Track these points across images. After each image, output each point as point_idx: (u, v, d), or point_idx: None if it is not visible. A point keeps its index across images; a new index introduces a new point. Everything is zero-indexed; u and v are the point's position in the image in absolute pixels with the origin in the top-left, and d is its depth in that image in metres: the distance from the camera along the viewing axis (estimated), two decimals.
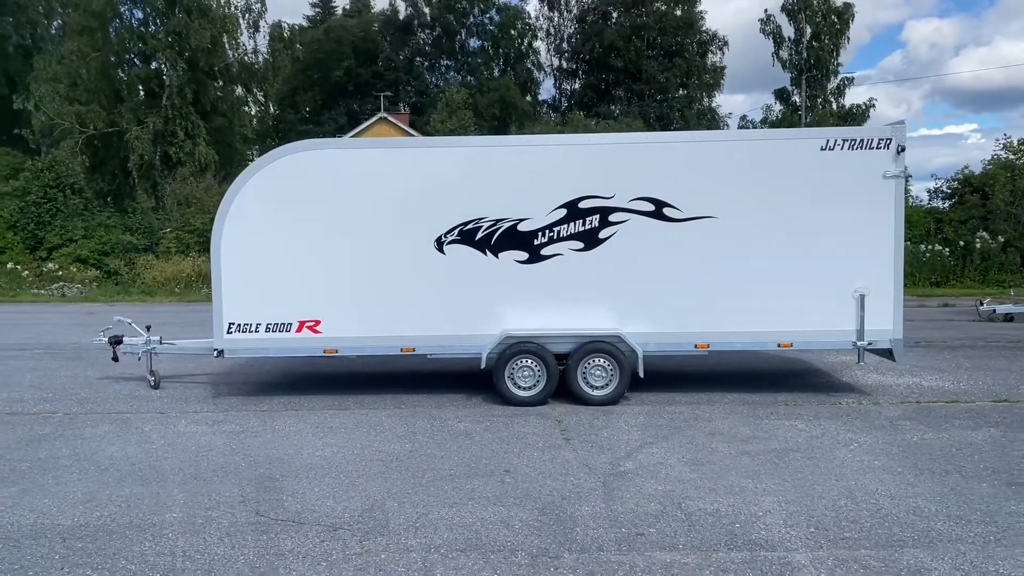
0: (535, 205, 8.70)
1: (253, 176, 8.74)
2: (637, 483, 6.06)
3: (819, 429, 7.59)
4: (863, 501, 5.61)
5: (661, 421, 7.94)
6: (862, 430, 7.53)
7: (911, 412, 8.23)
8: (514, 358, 8.66)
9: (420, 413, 8.38)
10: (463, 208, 8.72)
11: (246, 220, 8.75)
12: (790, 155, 8.67)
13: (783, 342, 8.75)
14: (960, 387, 9.47)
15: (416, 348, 8.82)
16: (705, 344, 8.78)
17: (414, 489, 5.98)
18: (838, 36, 51.69)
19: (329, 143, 9.75)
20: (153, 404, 8.95)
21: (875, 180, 8.59)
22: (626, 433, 7.51)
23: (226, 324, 8.82)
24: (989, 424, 7.71)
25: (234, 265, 8.80)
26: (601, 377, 8.66)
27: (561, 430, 7.64)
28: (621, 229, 8.69)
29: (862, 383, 9.73)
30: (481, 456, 6.80)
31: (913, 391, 9.25)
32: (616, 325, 8.72)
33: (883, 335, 8.71)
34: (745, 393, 9.18)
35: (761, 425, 7.76)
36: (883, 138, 8.58)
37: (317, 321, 8.80)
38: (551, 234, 8.71)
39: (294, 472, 6.42)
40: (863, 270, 8.66)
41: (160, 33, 32.76)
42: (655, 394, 9.10)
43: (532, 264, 8.75)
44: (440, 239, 8.74)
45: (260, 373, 10.78)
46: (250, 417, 8.30)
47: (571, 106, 58.10)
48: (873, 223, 8.63)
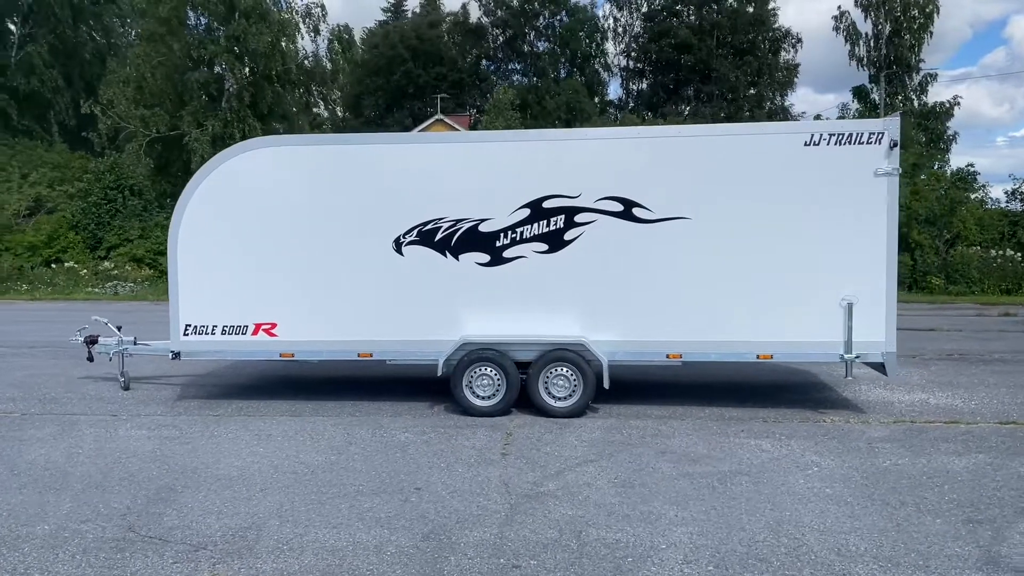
0: (497, 204, 8.24)
1: (209, 174, 8.52)
2: (549, 506, 5.56)
3: (784, 450, 6.93)
4: (787, 536, 4.99)
5: (617, 436, 7.39)
6: (832, 452, 6.84)
7: (899, 433, 7.48)
8: (472, 366, 8.22)
9: (369, 422, 8.01)
10: (423, 207, 8.32)
11: (202, 219, 8.53)
12: (770, 151, 8.00)
13: (762, 353, 8.08)
14: (970, 406, 8.61)
15: (374, 353, 8.46)
16: (678, 354, 8.17)
17: (308, 506, 5.61)
18: (920, 31, 49.34)
19: (285, 140, 9.48)
20: (111, 406, 8.81)
21: (865, 178, 7.85)
22: (571, 449, 6.99)
23: (182, 326, 8.62)
24: (981, 449, 6.92)
25: (190, 265, 8.59)
26: (564, 388, 8.15)
27: (504, 444, 7.17)
28: (587, 230, 8.16)
29: (861, 399, 8.96)
30: (401, 471, 6.39)
31: (913, 409, 8.45)
32: (582, 332, 8.19)
33: (873, 348, 7.96)
34: (726, 407, 8.53)
35: (723, 443, 7.14)
36: (874, 132, 7.84)
37: (273, 324, 8.52)
38: (514, 235, 8.23)
39: (199, 484, 6.12)
40: (852, 277, 7.93)
41: (220, 38, 33.29)
42: (627, 406, 8.53)
43: (494, 267, 8.29)
44: (399, 240, 8.36)
45: (239, 375, 10.58)
46: (196, 422, 8.06)
47: (638, 106, 57.22)
48: (863, 225, 7.89)
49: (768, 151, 7.99)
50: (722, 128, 8.56)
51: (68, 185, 33.19)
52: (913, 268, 26.23)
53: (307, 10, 37.44)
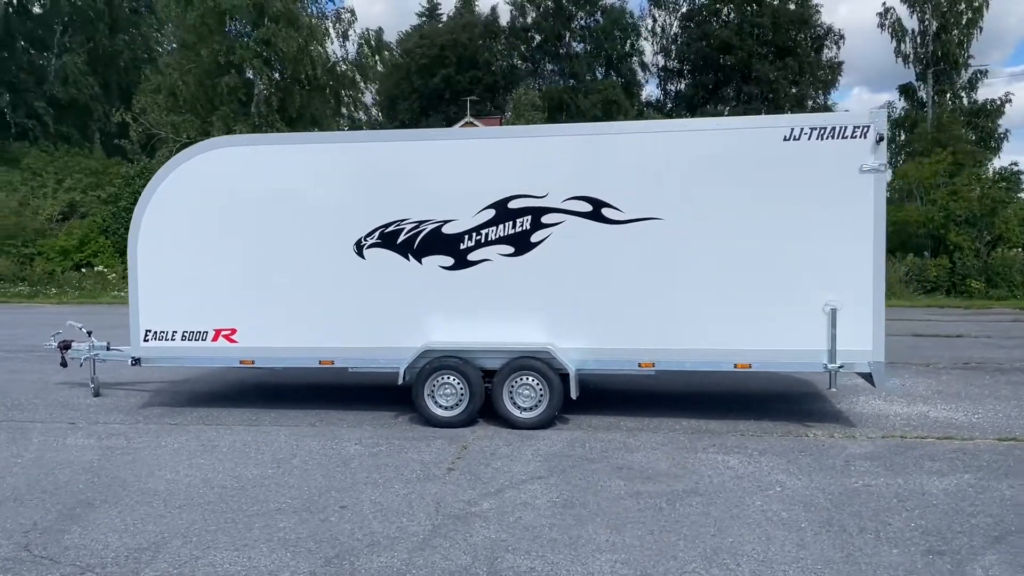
0: (461, 205, 7.87)
1: (169, 175, 8.29)
2: (474, 528, 5.17)
3: (752, 467, 6.43)
4: (719, 567, 4.54)
5: (577, 450, 6.96)
6: (803, 471, 6.33)
7: (883, 449, 6.93)
8: (435, 374, 7.85)
9: (325, 433, 7.68)
10: (385, 208, 7.98)
11: (162, 221, 8.30)
12: (747, 147, 7.50)
13: (740, 363, 7.57)
14: (972, 419, 8.00)
15: (335, 361, 8.13)
16: (650, 363, 7.71)
17: (220, 525, 5.29)
18: (969, 27, 47.75)
19: (244, 139, 9.22)
20: (73, 414, 8.61)
21: (849, 175, 7.32)
22: (524, 464, 6.58)
23: (142, 331, 8.39)
24: (968, 469, 6.35)
25: (150, 269, 8.36)
26: (530, 398, 7.74)
27: (456, 458, 6.78)
28: (555, 232, 7.74)
29: (855, 411, 8.39)
30: (335, 487, 6.04)
31: (908, 422, 7.87)
32: (549, 340, 7.77)
33: (859, 357, 7.41)
34: (706, 418, 8.03)
35: (688, 459, 6.66)
36: (859, 125, 7.30)
37: (233, 330, 8.25)
38: (478, 237, 7.85)
39: (120, 498, 5.85)
40: (835, 280, 7.39)
41: (249, 43, 33.46)
42: (601, 417, 8.09)
43: (458, 271, 7.91)
44: (360, 243, 8.03)
45: (217, 382, 10.33)
46: (151, 431, 7.82)
47: (676, 107, 56.40)
48: (848, 225, 7.36)
49: (744, 147, 7.50)
50: (695, 123, 8.10)
51: (100, 190, 33.60)
52: (951, 271, 25.26)
53: (337, 15, 37.52)
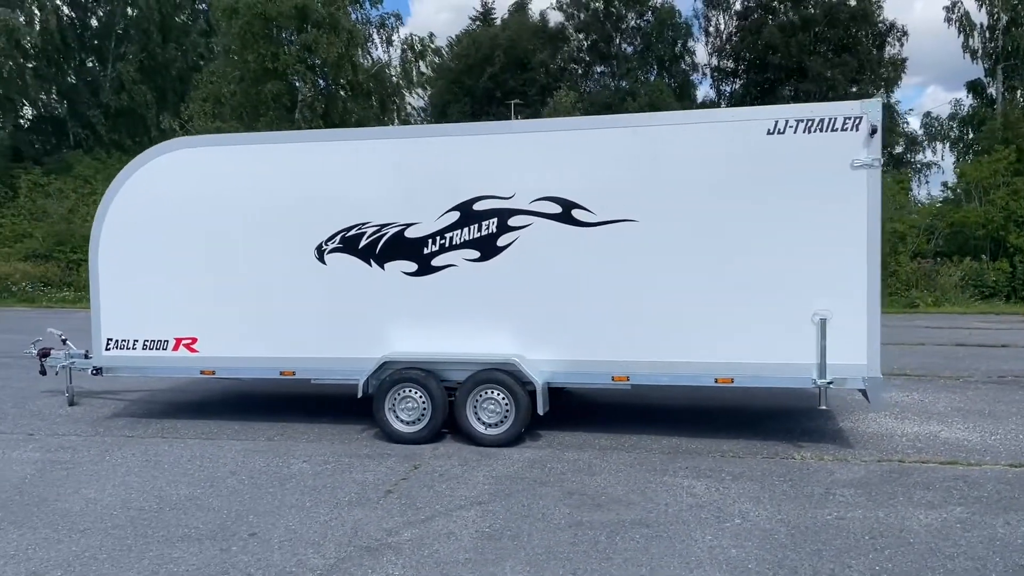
0: (424, 207, 7.40)
1: (129, 177, 8.01)
2: (381, 563, 4.69)
3: (717, 494, 5.81)
4: None
5: (533, 472, 6.41)
6: (773, 499, 5.68)
7: (875, 475, 6.22)
8: (395, 387, 7.38)
9: (277, 448, 7.28)
10: (346, 211, 7.56)
11: (122, 225, 8.02)
12: (727, 142, 6.86)
13: (721, 377, 6.94)
14: (988, 441, 7.21)
15: (296, 372, 7.73)
16: (624, 376, 7.12)
17: (114, 553, 4.91)
18: None
19: (203, 140, 8.87)
20: (38, 423, 8.38)
21: (840, 171, 6.63)
22: (471, 487, 6.06)
23: (104, 340, 8.12)
24: (964, 500, 5.62)
25: (112, 275, 8.09)
26: (495, 413, 7.21)
27: (401, 479, 6.30)
28: (523, 235, 7.22)
29: (858, 430, 7.66)
30: (256, 511, 5.62)
31: (914, 444, 7.12)
32: (517, 350, 7.24)
33: (853, 372, 6.71)
34: (690, 436, 7.40)
35: (650, 484, 6.06)
36: (850, 117, 6.62)
37: (193, 339, 7.92)
38: (443, 241, 7.36)
39: (29, 519, 5.53)
40: (825, 287, 6.71)
41: (292, 49, 33.59)
42: (577, 434, 7.54)
43: (422, 277, 7.44)
44: (321, 247, 7.62)
45: (200, 391, 10.02)
46: (103, 444, 7.52)
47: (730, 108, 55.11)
48: (838, 226, 6.67)
49: (725, 142, 6.86)
50: (671, 116, 7.50)
51: None
52: (1012, 276, 23.87)
53: (381, 20, 37.48)
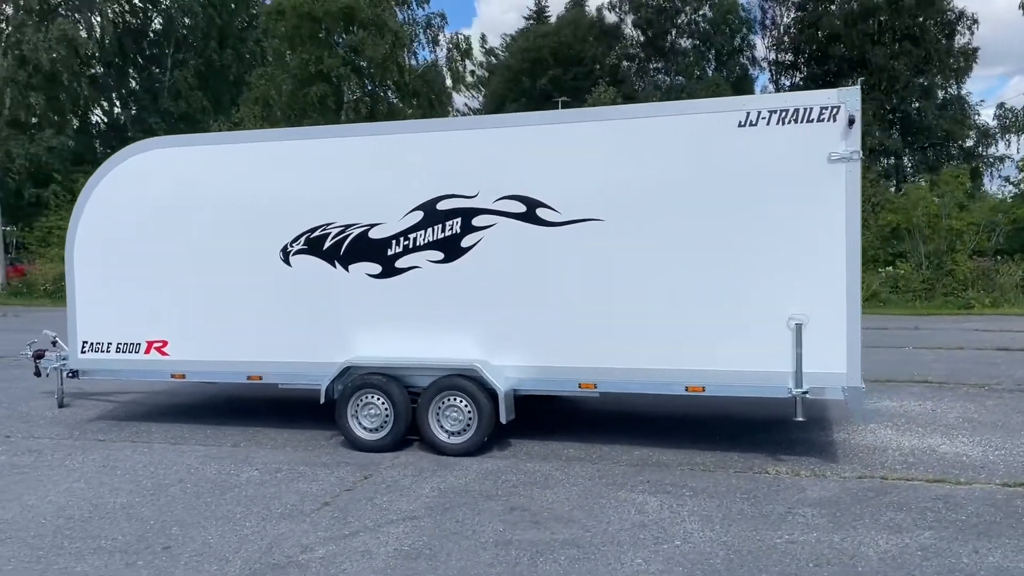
0: (388, 207, 7.17)
1: (102, 179, 7.96)
2: None
3: (669, 512, 5.43)
4: None
5: (484, 485, 6.11)
6: (726, 519, 5.28)
7: (847, 494, 5.75)
8: (358, 393, 7.15)
9: (236, 454, 7.13)
10: (311, 211, 7.38)
11: (96, 227, 8.00)
12: (696, 135, 6.47)
13: (692, 385, 6.53)
14: (989, 457, 6.65)
15: (263, 376, 7.58)
16: (591, 383, 6.77)
17: (18, 566, 4.81)
18: None
19: (173, 140, 8.74)
20: (21, 427, 8.40)
21: (816, 165, 6.18)
22: (412, 500, 5.79)
23: (80, 343, 8.08)
24: (936, 524, 5.13)
25: (87, 277, 8.07)
26: (458, 421, 6.93)
27: (345, 490, 6.07)
28: (487, 236, 6.92)
29: (851, 442, 7.16)
30: (181, 523, 5.44)
31: (906, 459, 6.60)
32: (482, 355, 6.94)
33: (831, 381, 6.23)
34: (667, 448, 7.00)
35: (603, 500, 5.71)
36: (826, 107, 6.15)
37: (164, 342, 7.83)
38: (406, 242, 7.12)
39: None
40: (801, 290, 6.26)
41: (338, 51, 33.82)
42: (547, 443, 7.22)
43: (386, 279, 7.21)
44: (286, 249, 7.45)
45: (196, 394, 9.95)
46: (69, 448, 7.48)
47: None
48: (815, 224, 6.22)
49: (693, 135, 6.47)
50: (636, 109, 7.09)
51: None
52: None
53: (427, 21, 37.50)
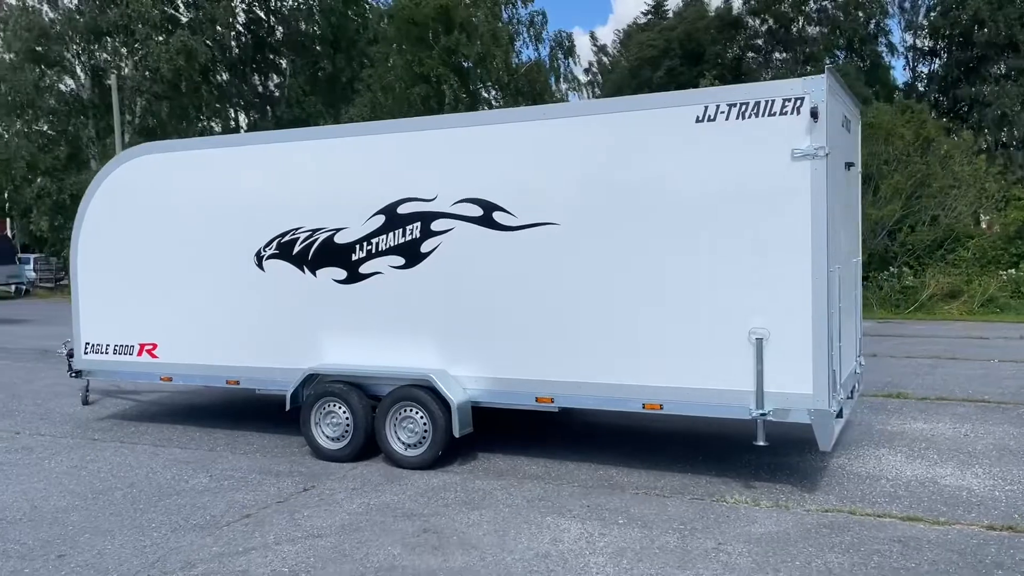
0: (352, 211, 7.02)
1: (99, 186, 8.17)
2: None
3: (583, 544, 5.01)
4: None
5: (416, 504, 5.84)
6: (636, 555, 4.82)
7: (800, 530, 5.16)
8: (320, 401, 7.02)
9: (201, 460, 7.13)
10: (282, 216, 7.32)
11: (95, 232, 8.22)
12: (652, 133, 5.97)
13: (649, 402, 6.05)
14: (994, 493, 5.83)
15: (240, 381, 7.58)
16: (548, 398, 6.39)
17: None
18: None
19: (159, 146, 8.82)
20: (37, 423, 8.71)
21: (780, 162, 5.58)
22: (334, 515, 5.61)
23: (83, 344, 8.32)
24: (880, 572, 4.51)
25: (88, 280, 8.30)
26: (413, 432, 6.68)
27: (277, 501, 5.95)
28: (445, 240, 6.65)
29: (843, 470, 6.45)
30: (94, 530, 5.46)
31: (894, 491, 5.88)
32: (442, 365, 6.68)
33: (795, 402, 5.63)
34: (633, 468, 6.52)
35: (527, 525, 5.35)
36: (789, 98, 5.55)
37: (154, 345, 7.96)
38: (369, 247, 6.94)
39: None
40: (763, 301, 5.68)
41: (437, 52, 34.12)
42: (514, 458, 6.88)
43: (350, 284, 7.06)
44: (259, 253, 7.41)
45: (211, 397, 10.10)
46: (60, 447, 7.70)
47: (928, 90, 50.42)
48: (778, 229, 5.62)
49: (649, 133, 5.98)
50: (587, 106, 6.71)
51: None
52: None
53: (530, 19, 37.32)
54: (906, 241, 21.24)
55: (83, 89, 36.40)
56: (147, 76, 36.79)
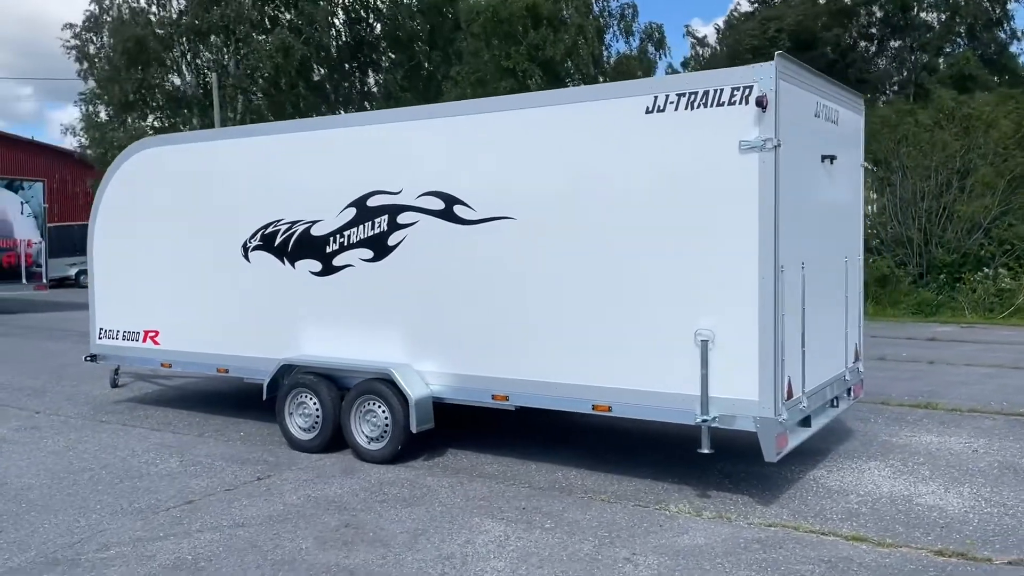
0: (327, 203, 7.07)
1: (111, 178, 8.52)
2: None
3: (492, 547, 4.88)
4: None
5: (354, 498, 5.83)
6: (546, 561, 4.65)
7: (727, 545, 4.87)
8: (293, 392, 7.10)
9: (185, 445, 7.33)
10: (266, 208, 7.44)
11: (108, 222, 8.58)
12: (602, 125, 5.75)
13: (598, 404, 5.84)
14: (968, 515, 5.35)
15: (229, 370, 7.75)
16: (504, 396, 6.26)
17: None
18: None
19: (161, 139, 9.04)
20: (61, 403, 9.15)
21: (727, 155, 5.28)
22: (266, 507, 5.66)
23: (98, 329, 8.68)
24: None
25: (102, 269, 8.66)
26: (375, 426, 6.67)
27: (225, 489, 6.05)
28: (410, 234, 6.61)
29: (814, 482, 6.06)
30: (41, 509, 5.71)
31: (854, 509, 5.48)
32: (407, 359, 6.64)
33: (741, 408, 5.32)
34: (593, 471, 6.31)
35: (449, 524, 5.26)
36: (738, 87, 5.23)
37: (156, 332, 8.23)
38: (342, 240, 6.97)
39: None
40: (708, 301, 5.39)
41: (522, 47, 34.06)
42: (481, 455, 6.80)
43: (325, 276, 7.11)
44: (246, 244, 7.56)
45: None
46: (68, 426, 8.08)
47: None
48: (725, 225, 5.32)
49: (598, 125, 5.76)
50: (539, 97, 6.41)
51: None
52: None
53: (621, 12, 36.80)
54: (1005, 239, 19.81)
55: (188, 86, 38.06)
56: (248, 74, 38.16)
